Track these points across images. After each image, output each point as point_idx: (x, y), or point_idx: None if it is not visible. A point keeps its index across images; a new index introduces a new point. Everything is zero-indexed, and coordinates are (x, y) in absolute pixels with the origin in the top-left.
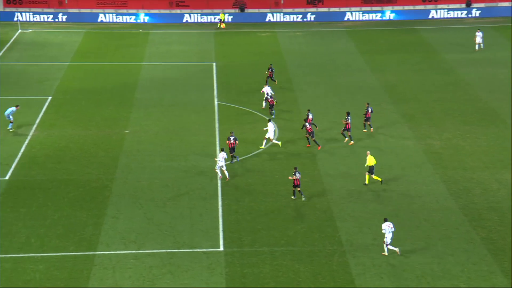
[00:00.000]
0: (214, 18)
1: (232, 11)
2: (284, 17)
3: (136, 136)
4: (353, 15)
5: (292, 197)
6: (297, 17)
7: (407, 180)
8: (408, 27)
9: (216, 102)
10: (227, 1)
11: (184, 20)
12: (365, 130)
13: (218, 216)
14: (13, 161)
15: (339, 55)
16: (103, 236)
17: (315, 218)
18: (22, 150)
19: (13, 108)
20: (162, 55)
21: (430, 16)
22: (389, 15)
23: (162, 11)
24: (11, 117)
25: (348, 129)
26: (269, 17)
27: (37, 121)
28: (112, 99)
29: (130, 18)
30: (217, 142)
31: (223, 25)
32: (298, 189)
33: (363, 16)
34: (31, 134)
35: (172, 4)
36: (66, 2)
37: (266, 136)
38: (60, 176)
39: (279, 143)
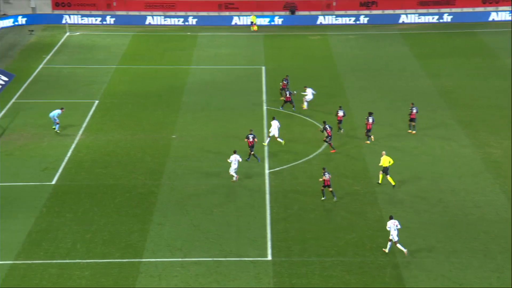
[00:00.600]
0: (264, 21)
1: (282, 13)
2: (336, 19)
3: (183, 141)
4: (408, 17)
5: (322, 198)
6: (349, 20)
7: (464, 189)
8: (466, 30)
9: (264, 107)
10: (277, 3)
11: (233, 23)
12: (409, 131)
13: (266, 224)
14: (60, 165)
15: (393, 59)
16: (149, 243)
17: (366, 227)
18: (68, 155)
19: (58, 111)
20: (210, 58)
21: (490, 19)
22: (446, 17)
23: (211, 13)
24: (56, 119)
25: (369, 130)
26: (321, 20)
27: (84, 125)
28: (159, 103)
29: (178, 21)
30: (266, 148)
31: (255, 28)
32: (330, 189)
33: (419, 18)
34: (77, 138)
35: (221, 6)
36: (115, 4)
37: (271, 134)
38: (106, 181)
39: (283, 141)
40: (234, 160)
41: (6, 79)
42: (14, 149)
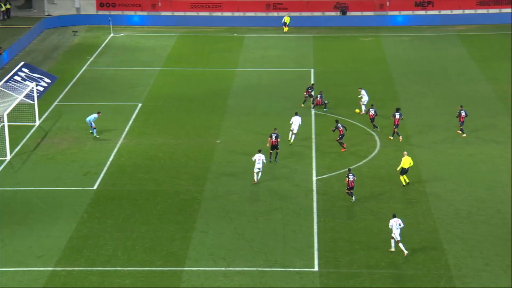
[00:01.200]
0: (314, 22)
1: (333, 14)
2: (389, 20)
3: (227, 146)
4: (467, 17)
5: (352, 200)
6: (404, 21)
7: None
8: None
9: (313, 111)
10: (328, 3)
11: (281, 24)
12: (459, 132)
13: (313, 234)
14: (102, 170)
15: (450, 62)
16: (191, 251)
17: (419, 239)
18: (110, 159)
19: (95, 115)
20: (257, 60)
21: None
22: (507, 18)
23: (258, 14)
24: (92, 123)
25: (396, 125)
26: (373, 21)
27: (127, 128)
28: (204, 106)
29: (225, 21)
30: (314, 154)
31: (286, 29)
32: (352, 190)
33: (477, 19)
34: (120, 142)
35: (269, 6)
36: (160, 5)
37: (294, 130)
38: (148, 187)
39: (292, 140)
40: (258, 159)
41: (49, 81)
42: (56, 153)
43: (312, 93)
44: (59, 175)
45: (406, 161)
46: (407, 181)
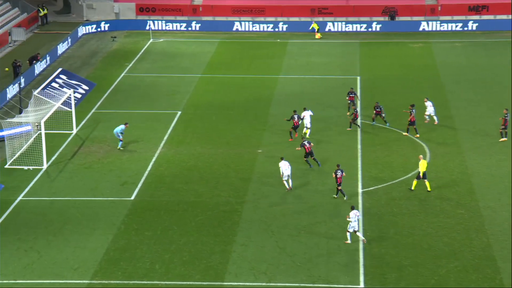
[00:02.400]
0: (360, 27)
1: (381, 19)
2: (441, 25)
3: (269, 156)
4: None
5: (335, 196)
6: (456, 26)
7: None
8: None
9: (359, 120)
10: (376, 8)
11: (326, 29)
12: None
13: (358, 249)
14: (140, 180)
15: (506, 70)
16: (231, 265)
17: (471, 255)
18: (148, 169)
19: (122, 126)
20: (300, 67)
21: None
22: None
23: (303, 19)
24: (120, 135)
25: (412, 123)
26: (423, 26)
27: (165, 137)
28: (245, 115)
29: (268, 27)
30: (359, 165)
31: (318, 35)
32: (339, 187)
33: None
34: (158, 151)
35: (314, 11)
36: (201, 9)
37: (308, 125)
38: (187, 198)
39: (307, 132)
40: (283, 166)
41: (86, 88)
42: (93, 162)
43: (354, 98)
44: (96, 185)
45: (423, 166)
46: (429, 189)
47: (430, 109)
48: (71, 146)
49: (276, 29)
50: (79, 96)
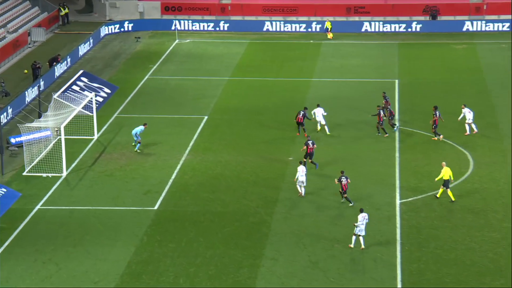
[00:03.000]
0: (399, 27)
1: (422, 18)
2: (486, 25)
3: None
4: None
5: (342, 201)
6: (503, 26)
7: None
8: None
9: (397, 127)
10: (416, 7)
11: (363, 29)
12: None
13: (396, 264)
14: (163, 188)
15: None
16: (260, 280)
17: None
18: (173, 177)
19: (141, 127)
20: (335, 70)
21: None
22: None
23: (338, 18)
24: (138, 136)
25: (436, 126)
26: (467, 26)
27: (191, 144)
28: (276, 120)
29: (300, 27)
30: (397, 174)
31: (330, 35)
32: (345, 195)
33: None
34: (183, 158)
35: (349, 10)
36: (229, 8)
37: (321, 122)
38: (213, 208)
39: (328, 130)
40: (301, 171)
41: (109, 91)
42: (115, 169)
43: (388, 103)
44: (118, 194)
45: (446, 173)
46: (453, 199)
47: (468, 115)
48: (92, 153)
49: (309, 30)
50: (101, 99)
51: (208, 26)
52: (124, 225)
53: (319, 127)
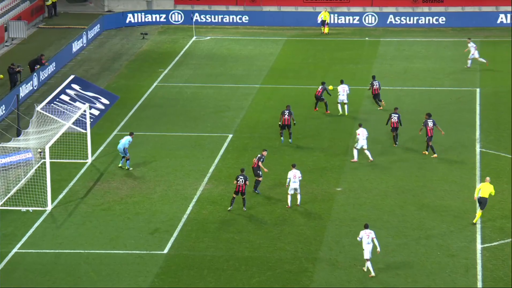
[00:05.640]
0: (482, 21)
1: (510, 8)
2: None
3: (352, 197)
4: None
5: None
6: None
7: None
8: None
9: (478, 149)
10: None
11: (433, 23)
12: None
13: None
14: (176, 227)
15: None
16: None
17: None
18: (188, 212)
19: (129, 138)
20: (397, 75)
21: None
22: None
23: (401, 9)
24: (127, 151)
25: (430, 137)
26: None
27: (211, 169)
28: (320, 139)
29: (353, 20)
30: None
31: (326, 30)
32: (243, 196)
33: None
34: (201, 188)
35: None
36: None
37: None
38: (239, 252)
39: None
40: (294, 177)
41: (107, 102)
42: (114, 202)
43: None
44: (117, 234)
45: (487, 190)
46: (476, 219)
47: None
48: (85, 181)
49: (364, 24)
50: (96, 112)
51: (233, 19)
52: (125, 274)
53: (340, 110)
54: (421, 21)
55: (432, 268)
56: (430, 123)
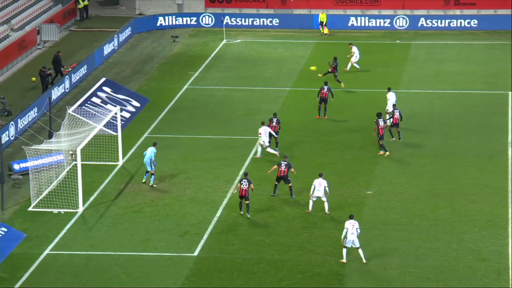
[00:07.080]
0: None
1: None
2: None
3: (382, 200)
4: None
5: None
6: None
7: None
8: None
9: (510, 152)
10: None
11: (465, 26)
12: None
13: None
14: (206, 229)
15: None
16: None
17: None
18: (218, 214)
19: (154, 149)
20: (428, 78)
21: None
22: None
23: (432, 12)
24: (154, 163)
25: (380, 137)
26: None
27: (241, 172)
28: (350, 142)
29: (384, 22)
30: (510, 215)
31: (326, 30)
32: (247, 202)
33: None
34: (231, 191)
35: (448, 1)
36: (292, 0)
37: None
38: (269, 255)
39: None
40: (319, 185)
41: (137, 104)
42: (144, 204)
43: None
44: (148, 236)
45: None
46: None
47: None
48: (116, 183)
49: (395, 27)
50: (127, 115)
51: (264, 22)
52: (156, 276)
53: (388, 121)
54: (453, 24)
55: (463, 272)
56: (381, 122)
